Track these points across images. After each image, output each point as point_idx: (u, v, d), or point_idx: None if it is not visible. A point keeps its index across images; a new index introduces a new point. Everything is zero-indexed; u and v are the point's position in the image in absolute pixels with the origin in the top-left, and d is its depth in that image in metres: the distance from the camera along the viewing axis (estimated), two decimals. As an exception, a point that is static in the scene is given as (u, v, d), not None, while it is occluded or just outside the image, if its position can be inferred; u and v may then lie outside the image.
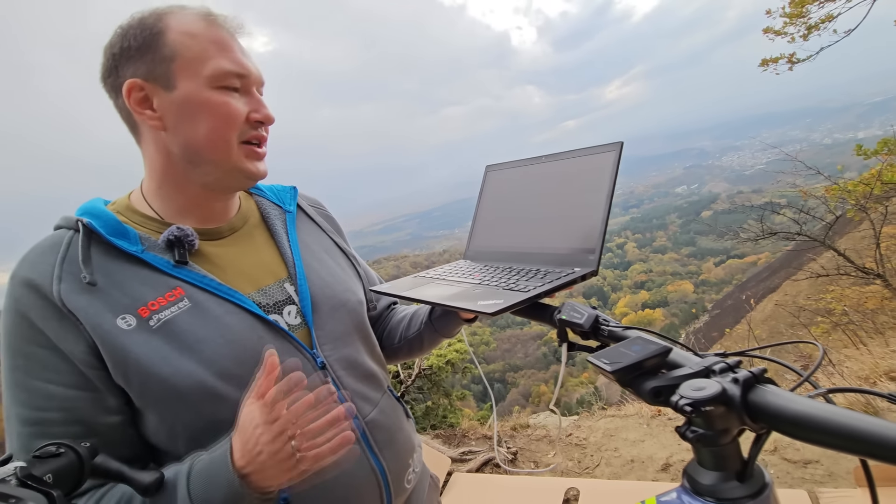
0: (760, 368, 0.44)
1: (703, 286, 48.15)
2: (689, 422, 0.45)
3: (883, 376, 2.39)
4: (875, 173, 4.96)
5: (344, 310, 0.84)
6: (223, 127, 0.70)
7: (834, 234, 8.26)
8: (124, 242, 0.67)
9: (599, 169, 0.86)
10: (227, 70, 0.69)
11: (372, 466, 0.76)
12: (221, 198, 0.79)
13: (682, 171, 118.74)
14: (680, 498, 0.46)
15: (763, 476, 0.44)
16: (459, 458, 2.91)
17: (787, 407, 0.40)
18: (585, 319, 0.68)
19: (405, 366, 3.62)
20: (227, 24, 0.73)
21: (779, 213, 5.92)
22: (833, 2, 5.80)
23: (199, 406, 0.65)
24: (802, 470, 2.06)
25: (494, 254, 1.04)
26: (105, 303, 0.63)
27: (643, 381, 0.49)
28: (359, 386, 0.80)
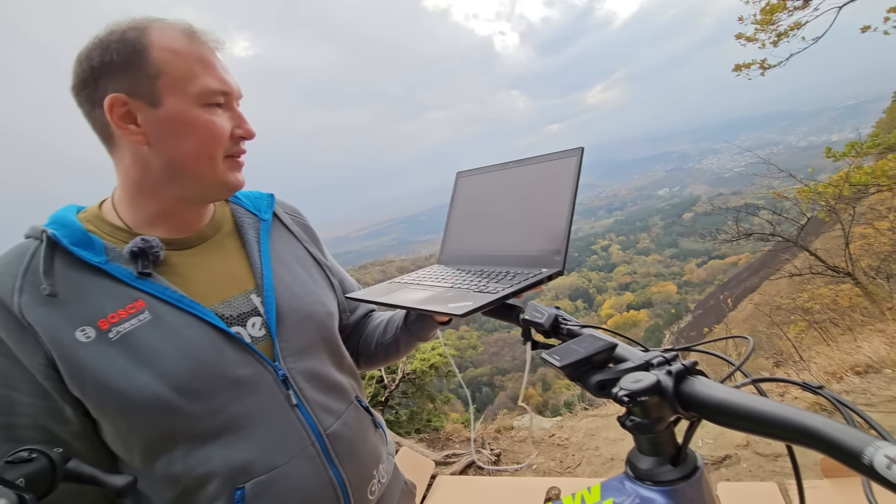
0: (692, 361, 0.48)
1: (686, 287, 48.94)
2: (629, 412, 0.48)
3: (849, 371, 2.49)
4: (843, 175, 5.14)
5: (311, 322, 0.83)
6: (210, 145, 0.71)
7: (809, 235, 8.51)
8: (88, 253, 0.67)
9: (562, 173, 0.90)
10: (213, 89, 0.70)
11: (330, 478, 0.76)
12: (196, 207, 0.79)
13: (664, 174, 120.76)
14: (622, 483, 0.49)
15: (696, 460, 0.48)
16: (443, 462, 2.93)
17: (713, 396, 0.44)
18: (546, 319, 0.72)
19: (389, 370, 3.63)
20: (209, 40, 0.74)
21: (754, 214, 6.09)
22: (802, 10, 6.01)
23: (155, 419, 0.65)
24: (773, 463, 2.13)
25: (467, 258, 1.07)
26: (65, 315, 0.63)
27: (590, 376, 0.53)
28: (321, 398, 0.80)
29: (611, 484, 0.50)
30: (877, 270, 4.82)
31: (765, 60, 5.86)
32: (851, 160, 5.20)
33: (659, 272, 56.21)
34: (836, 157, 5.21)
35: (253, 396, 0.71)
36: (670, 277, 53.09)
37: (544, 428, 3.48)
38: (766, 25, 5.82)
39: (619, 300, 51.19)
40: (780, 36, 5.83)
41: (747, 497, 2.07)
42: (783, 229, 6.14)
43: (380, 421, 0.98)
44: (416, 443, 3.22)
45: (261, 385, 0.72)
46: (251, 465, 0.69)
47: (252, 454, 0.70)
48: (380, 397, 3.47)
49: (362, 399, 0.93)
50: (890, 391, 2.23)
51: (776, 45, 5.77)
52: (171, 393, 0.65)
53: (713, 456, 2.24)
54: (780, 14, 5.96)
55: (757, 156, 6.54)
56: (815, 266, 5.34)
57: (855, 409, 0.41)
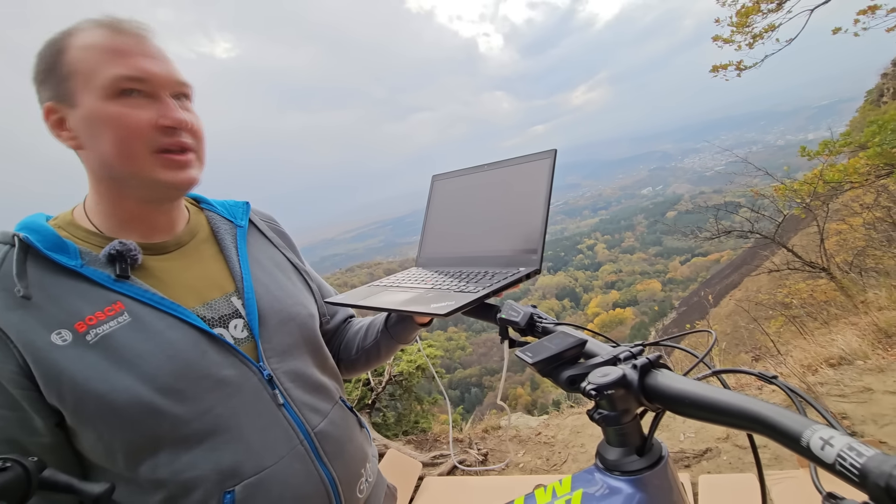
0: (656, 355, 0.50)
1: (671, 284, 49.67)
2: (597, 405, 0.50)
3: (823, 363, 2.56)
4: (817, 173, 5.28)
5: (293, 323, 0.83)
6: (126, 140, 0.67)
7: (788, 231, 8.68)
8: (63, 257, 0.65)
9: (537, 175, 0.91)
10: (118, 76, 0.66)
11: (321, 477, 0.76)
12: (160, 210, 0.77)
13: (647, 174, 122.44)
14: (592, 474, 0.51)
15: (661, 450, 0.50)
16: (431, 463, 2.94)
17: (675, 387, 0.45)
18: (521, 317, 0.73)
19: (375, 373, 3.62)
20: (130, 29, 0.70)
21: (734, 213, 6.22)
22: (776, 12, 6.17)
23: (138, 422, 0.63)
24: (751, 455, 2.18)
25: (444, 260, 1.08)
26: (39, 318, 0.62)
27: (561, 371, 0.55)
28: (307, 398, 0.80)
29: (581, 476, 0.51)
30: (850, 265, 4.97)
31: (741, 62, 6.00)
32: (825, 158, 5.35)
33: (644, 270, 56.97)
34: (810, 155, 5.35)
35: (238, 397, 0.71)
36: (655, 275, 53.84)
37: (531, 427, 3.51)
38: (741, 28, 5.96)
39: (606, 298, 51.73)
40: (755, 38, 5.97)
41: (727, 488, 2.11)
42: (761, 226, 6.28)
43: (364, 421, 0.99)
44: (403, 445, 3.22)
45: (246, 385, 0.72)
46: (240, 467, 0.68)
47: (240, 456, 0.69)
48: (366, 400, 3.46)
49: (345, 400, 0.93)
50: (862, 382, 2.30)
51: (752, 47, 5.90)
52: (154, 395, 0.63)
53: (694, 449, 2.28)
54: (755, 17, 6.11)
55: (735, 155, 6.68)
56: (793, 262, 5.48)
57: (804, 396, 0.43)
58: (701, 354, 0.57)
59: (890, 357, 2.46)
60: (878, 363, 2.41)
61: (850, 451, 0.29)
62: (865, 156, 4.95)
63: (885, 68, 16.38)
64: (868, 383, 2.28)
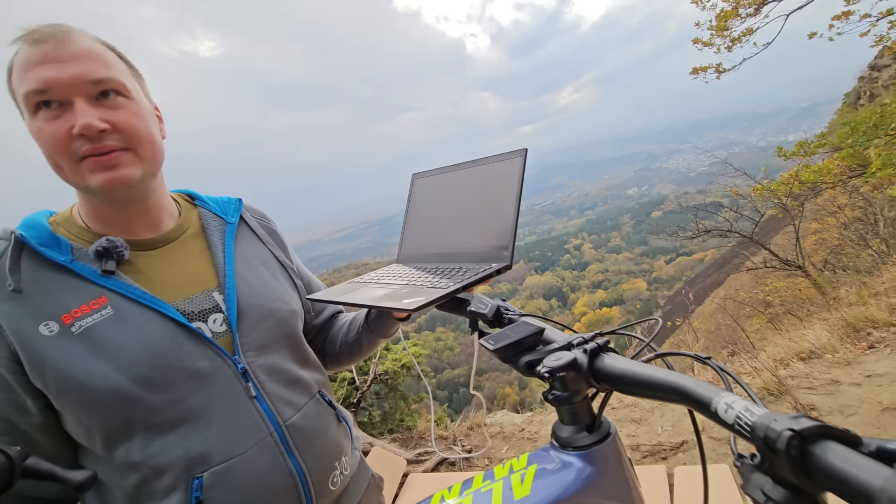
0: (605, 340, 0.54)
1: (656, 283, 50.28)
2: (551, 386, 0.54)
3: (794, 357, 2.65)
4: (793, 174, 5.43)
5: (273, 319, 0.85)
6: (51, 154, 0.69)
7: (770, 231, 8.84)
8: (54, 252, 0.69)
9: (509, 173, 0.95)
10: (27, 91, 0.67)
11: (289, 468, 0.78)
12: (129, 211, 0.78)
13: (633, 174, 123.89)
14: (547, 451, 0.55)
15: (609, 427, 0.54)
16: (415, 460, 2.97)
17: (619, 368, 0.50)
18: (489, 309, 0.77)
19: (360, 371, 3.64)
20: (43, 38, 0.68)
21: (713, 212, 6.36)
22: (753, 17, 6.32)
23: (113, 408, 0.67)
24: (725, 447, 2.25)
25: (423, 256, 1.11)
26: (29, 310, 0.66)
27: (520, 357, 0.59)
28: (282, 391, 0.82)
29: (537, 453, 0.55)
30: (825, 263, 5.11)
31: (720, 65, 6.14)
32: (801, 159, 5.50)
33: (630, 270, 57.59)
34: (786, 156, 5.50)
35: (211, 388, 0.73)
36: (640, 275, 54.47)
37: (515, 423, 3.57)
38: (720, 31, 6.10)
39: (593, 298, 52.17)
40: (733, 41, 6.12)
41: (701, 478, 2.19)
42: (741, 226, 6.43)
43: (345, 416, 1.01)
44: (388, 443, 3.25)
45: (219, 377, 0.74)
46: (208, 455, 0.71)
47: (210, 444, 0.72)
48: (352, 399, 3.48)
49: (326, 394, 0.95)
50: (829, 374, 2.39)
51: (730, 50, 6.04)
52: (129, 383, 0.67)
53: (671, 442, 2.35)
54: (734, 21, 6.26)
55: (715, 156, 6.83)
56: (770, 261, 5.62)
57: (730, 373, 0.48)
58: (651, 340, 0.61)
59: (857, 350, 2.56)
60: (846, 356, 2.50)
61: (745, 412, 0.33)
62: (839, 157, 5.11)
63: (863, 72, 16.80)
64: (835, 376, 2.37)
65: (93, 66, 0.70)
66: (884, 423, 1.98)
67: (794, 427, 0.28)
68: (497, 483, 0.52)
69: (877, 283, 3.43)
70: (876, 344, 2.57)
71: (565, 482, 0.50)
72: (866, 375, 2.29)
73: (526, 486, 0.50)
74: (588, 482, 0.51)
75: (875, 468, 0.25)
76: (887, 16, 6.04)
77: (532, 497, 0.49)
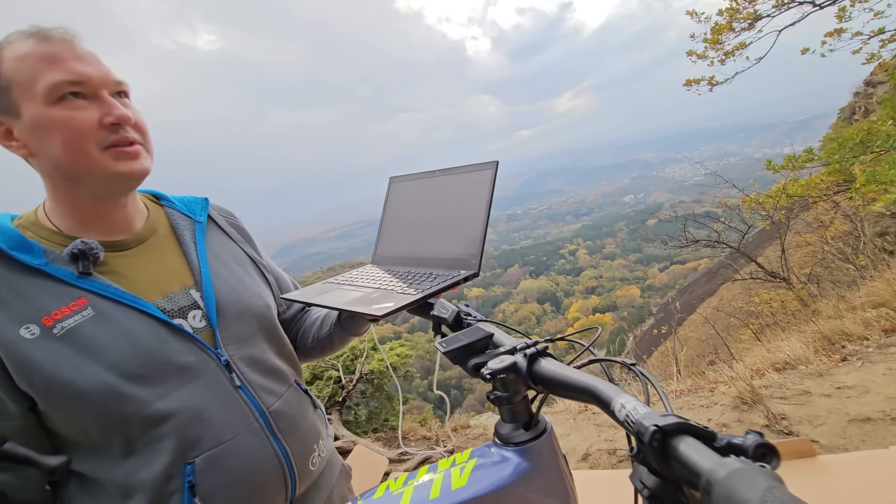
0: (543, 346, 0.59)
1: (650, 291, 50.49)
2: (493, 387, 0.58)
3: (770, 368, 2.71)
4: (780, 187, 5.53)
5: (250, 313, 0.89)
6: (75, 141, 0.71)
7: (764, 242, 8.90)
8: (27, 256, 0.70)
9: (480, 184, 0.98)
10: (57, 81, 0.70)
11: (275, 450, 0.83)
12: (115, 206, 0.81)
13: (629, 181, 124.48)
14: (489, 447, 0.60)
15: (545, 424, 0.59)
16: (397, 459, 3.01)
17: (551, 371, 0.54)
18: (450, 314, 0.82)
19: (346, 371, 3.67)
20: (58, 36, 0.73)
21: (702, 223, 6.44)
22: (748, 31, 6.42)
23: (105, 404, 0.69)
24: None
25: (397, 259, 1.15)
26: (8, 314, 0.67)
27: (469, 359, 0.63)
28: (263, 381, 0.87)
29: (479, 449, 0.60)
30: (808, 276, 5.20)
31: (713, 77, 6.23)
32: (788, 173, 5.59)
33: (624, 276, 57.81)
34: (775, 169, 5.59)
35: (198, 380, 0.77)
36: (634, 282, 54.70)
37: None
38: (714, 44, 6.19)
39: (586, 303, 52.33)
40: (727, 54, 6.21)
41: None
42: (730, 237, 6.51)
43: (318, 404, 1.07)
44: (372, 442, 3.28)
45: (205, 370, 0.78)
46: (200, 441, 0.75)
47: (200, 431, 0.75)
48: (337, 397, 3.51)
49: (301, 383, 1.01)
50: (802, 385, 2.45)
51: (723, 63, 6.14)
52: (118, 380, 0.70)
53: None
54: (729, 34, 6.35)
55: (706, 168, 6.92)
56: (756, 272, 5.71)
57: (651, 380, 0.52)
58: (594, 347, 0.66)
59: (830, 363, 2.62)
60: (819, 368, 2.57)
61: (632, 411, 0.38)
62: (825, 172, 5.20)
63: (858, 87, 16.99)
64: (807, 387, 2.43)
65: (110, 69, 0.77)
66: (849, 433, 2.04)
67: (658, 423, 0.33)
68: (438, 475, 0.56)
69: (855, 297, 3.51)
70: (849, 357, 2.63)
71: (501, 475, 0.55)
72: (836, 387, 2.35)
73: (464, 477, 0.54)
74: (523, 475, 0.55)
75: (712, 457, 0.30)
76: (879, 34, 6.15)
77: (467, 488, 0.53)
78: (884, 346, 2.62)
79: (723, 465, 0.28)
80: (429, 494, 0.53)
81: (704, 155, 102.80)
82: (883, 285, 3.24)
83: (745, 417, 2.36)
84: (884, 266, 4.00)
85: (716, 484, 0.27)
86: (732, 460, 0.28)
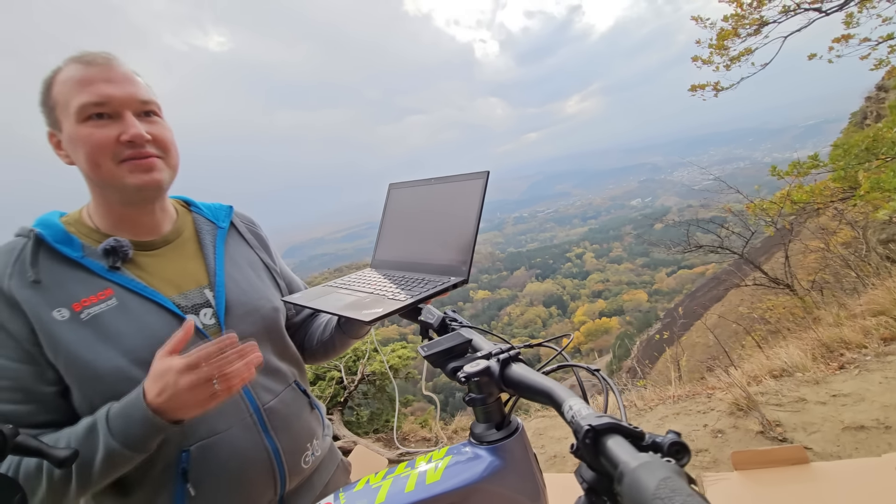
0: (516, 352, 0.63)
1: (657, 295, 50.16)
2: (469, 389, 0.63)
3: (767, 375, 2.72)
4: (785, 193, 5.51)
5: (257, 315, 0.96)
6: (93, 155, 0.81)
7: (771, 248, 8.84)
8: (67, 249, 0.80)
9: (471, 193, 1.01)
10: (84, 103, 0.80)
11: (265, 446, 0.89)
12: (142, 212, 0.90)
13: (637, 185, 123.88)
14: (464, 445, 0.64)
15: (517, 425, 0.63)
16: (397, 460, 3.05)
17: (520, 376, 0.58)
18: (435, 320, 0.86)
19: (349, 372, 3.73)
20: (97, 60, 0.83)
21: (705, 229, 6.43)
22: (754, 36, 6.41)
23: (115, 386, 0.77)
24: (693, 457, 2.33)
25: (394, 263, 1.19)
26: (45, 297, 0.76)
27: (448, 363, 0.67)
28: (262, 379, 0.93)
29: (455, 447, 0.64)
30: (812, 284, 5.18)
31: (718, 83, 6.23)
32: (793, 179, 5.58)
33: (631, 280, 57.50)
34: (780, 175, 5.59)
35: None
36: (641, 286, 54.37)
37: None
38: (720, 50, 6.19)
39: (592, 307, 52.08)
40: (732, 60, 6.21)
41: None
42: (735, 243, 6.49)
43: (318, 405, 1.12)
44: (372, 442, 3.33)
45: None
46: (196, 430, 0.82)
47: (197, 421, 0.81)
48: (339, 398, 3.56)
49: (301, 384, 1.07)
50: (798, 393, 2.46)
51: (729, 69, 6.14)
52: (130, 365, 0.77)
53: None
54: (734, 39, 6.35)
55: (709, 173, 6.92)
56: (759, 278, 5.70)
57: (611, 384, 0.56)
58: (569, 354, 0.70)
59: (828, 370, 2.63)
60: (815, 376, 2.58)
61: (577, 412, 0.42)
62: (830, 178, 5.19)
63: (870, 91, 16.79)
64: (803, 394, 2.44)
65: (139, 89, 0.85)
66: (843, 441, 2.06)
67: (592, 423, 0.37)
68: (415, 470, 0.60)
69: (855, 305, 3.51)
70: (847, 365, 2.64)
71: (473, 471, 0.59)
72: (832, 395, 2.36)
73: (438, 473, 0.59)
74: (494, 472, 0.59)
75: (631, 452, 0.34)
76: (887, 40, 6.12)
77: (441, 483, 0.57)
78: (882, 354, 2.63)
79: (636, 458, 0.32)
80: (404, 487, 0.58)
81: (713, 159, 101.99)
82: (884, 293, 3.24)
83: (740, 423, 2.38)
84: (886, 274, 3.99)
85: (626, 474, 0.31)
86: (645, 455, 0.32)
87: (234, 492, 0.85)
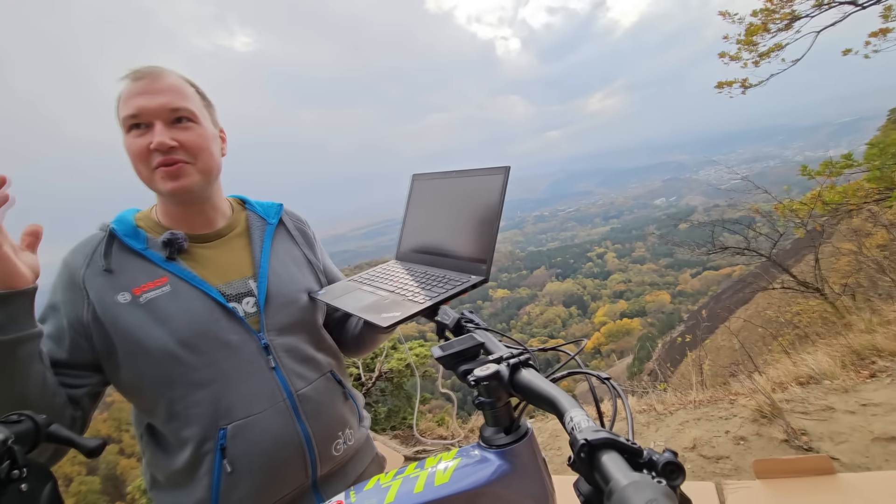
0: (526, 357, 0.63)
1: (680, 297, 49.07)
2: (478, 393, 0.63)
3: (793, 381, 2.65)
4: (816, 194, 5.33)
5: (295, 306, 1.03)
6: (134, 162, 0.92)
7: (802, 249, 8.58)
8: (133, 241, 0.92)
9: (492, 188, 0.99)
10: (124, 116, 0.90)
11: (297, 430, 0.94)
12: (190, 211, 1.00)
13: (661, 184, 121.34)
14: (473, 448, 0.64)
15: (526, 428, 0.63)
16: (413, 457, 3.08)
17: (528, 382, 0.59)
18: (451, 321, 0.87)
19: (366, 368, 3.77)
20: (142, 75, 0.92)
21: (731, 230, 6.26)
22: (785, 31, 6.21)
23: (161, 363, 0.86)
24: (714, 465, 2.28)
25: (417, 256, 1.18)
26: (112, 284, 0.88)
27: (459, 365, 0.68)
28: (296, 366, 0.99)
29: (464, 449, 0.65)
30: (844, 288, 5.00)
31: (746, 79, 6.06)
32: (825, 179, 5.39)
33: (654, 281, 56.39)
34: (811, 175, 5.41)
35: (238, 357, 0.92)
36: (664, 287, 53.26)
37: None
38: (748, 45, 6.02)
39: (613, 308, 51.29)
40: (761, 56, 6.03)
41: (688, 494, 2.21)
42: (762, 245, 6.30)
43: (354, 396, 1.16)
44: (389, 439, 3.36)
45: (245, 349, 0.93)
46: (232, 410, 0.89)
47: (233, 401, 0.89)
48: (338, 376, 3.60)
49: (338, 374, 1.10)
50: (825, 401, 2.39)
51: (757, 65, 5.96)
52: (175, 346, 0.87)
53: (660, 456, 2.38)
54: (764, 34, 6.16)
55: (735, 172, 6.73)
56: (787, 282, 5.52)
57: (620, 392, 0.56)
58: (579, 359, 0.70)
59: (858, 379, 2.54)
60: (844, 384, 2.49)
61: (577, 424, 0.42)
62: (865, 178, 4.99)
63: (909, 88, 16.00)
64: (831, 402, 2.36)
65: (174, 98, 0.92)
66: (873, 452, 1.99)
67: (588, 438, 0.37)
68: (424, 471, 0.61)
69: (889, 311, 3.37)
70: (878, 373, 2.54)
71: (482, 474, 0.60)
72: (862, 404, 2.28)
73: (447, 475, 0.60)
74: (502, 476, 0.60)
75: (624, 470, 0.34)
76: (928, 34, 5.85)
77: (450, 485, 0.58)
78: (916, 363, 2.52)
79: (627, 476, 0.32)
80: (413, 488, 0.59)
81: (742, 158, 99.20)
82: (920, 299, 3.10)
83: (763, 431, 2.32)
84: (923, 279, 3.82)
85: (615, 492, 0.32)
86: (636, 474, 0.32)
87: (267, 472, 0.90)
